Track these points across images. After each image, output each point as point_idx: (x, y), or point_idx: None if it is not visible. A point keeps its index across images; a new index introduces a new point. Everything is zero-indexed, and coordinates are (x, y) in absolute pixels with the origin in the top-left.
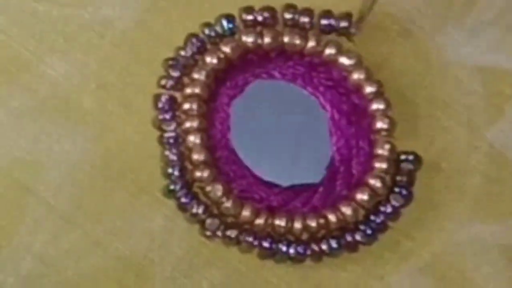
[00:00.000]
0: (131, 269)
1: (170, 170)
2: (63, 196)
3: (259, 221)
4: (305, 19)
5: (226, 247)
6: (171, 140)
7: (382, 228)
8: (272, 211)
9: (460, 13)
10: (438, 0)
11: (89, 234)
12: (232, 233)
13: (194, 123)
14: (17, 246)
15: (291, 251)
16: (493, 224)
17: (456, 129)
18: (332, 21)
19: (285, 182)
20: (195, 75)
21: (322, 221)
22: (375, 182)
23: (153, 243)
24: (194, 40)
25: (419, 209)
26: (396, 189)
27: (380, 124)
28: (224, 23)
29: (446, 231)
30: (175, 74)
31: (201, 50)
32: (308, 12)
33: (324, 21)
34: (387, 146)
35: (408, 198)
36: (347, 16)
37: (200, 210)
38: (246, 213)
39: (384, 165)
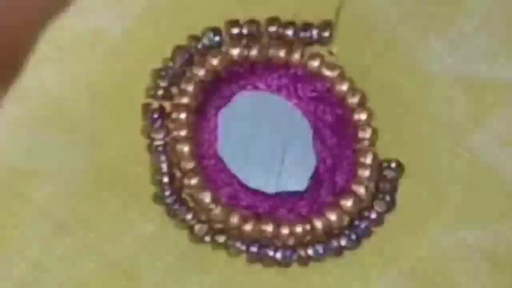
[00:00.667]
0: (122, 274)
1: (159, 177)
2: (56, 203)
3: (247, 227)
4: (289, 32)
5: (215, 252)
6: (160, 148)
7: (366, 233)
8: (259, 218)
9: (442, 24)
10: (421, 11)
11: (82, 240)
12: (220, 238)
13: (183, 132)
14: (10, 252)
15: (278, 255)
16: (476, 229)
17: (438, 138)
18: (313, 33)
19: (271, 190)
20: (183, 86)
21: (308, 226)
22: (358, 189)
23: (143, 248)
24: (182, 51)
25: (403, 216)
26: (380, 196)
27: (362, 134)
28: (211, 36)
29: (429, 236)
30: (164, 84)
31: (189, 62)
32: (291, 25)
33: (303, 34)
34: (369, 155)
35: (391, 204)
36: (326, 24)
37: (189, 216)
38: (234, 219)
39: (367, 173)
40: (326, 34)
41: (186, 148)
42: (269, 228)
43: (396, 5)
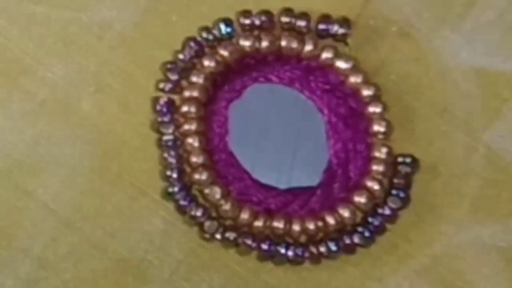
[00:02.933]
0: (130, 271)
1: (168, 173)
2: (62, 199)
3: (258, 223)
4: (301, 23)
5: (225, 250)
6: (170, 143)
7: (380, 230)
8: (270, 214)
9: (457, 16)
10: (436, 4)
11: (88, 237)
12: (230, 235)
13: (193, 126)
14: (16, 249)
15: (290, 253)
16: (491, 226)
17: (453, 132)
18: (330, 26)
19: (283, 185)
20: (194, 79)
21: (320, 223)
22: (372, 185)
23: (152, 245)
24: (192, 43)
25: (417, 212)
26: (394, 192)
27: (377, 127)
28: (222, 27)
29: (444, 233)
30: (174, 77)
31: (199, 54)
32: (305, 16)
33: (321, 26)
34: (384, 149)
35: (405, 201)
36: (345, 21)
37: (199, 213)
38: (244, 215)
39: (381, 168)
40: (345, 30)
41: (196, 142)
42: (280, 224)
43: None
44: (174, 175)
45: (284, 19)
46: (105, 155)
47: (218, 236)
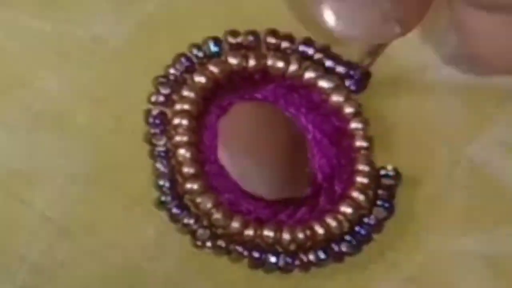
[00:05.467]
0: (124, 279)
1: (161, 183)
2: (57, 207)
3: (248, 232)
4: (286, 44)
5: (216, 257)
6: (162, 154)
7: (366, 239)
8: (260, 223)
9: (441, 31)
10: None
11: (83, 245)
12: (222, 243)
13: (184, 138)
14: (12, 256)
15: (280, 261)
16: (476, 235)
17: (437, 146)
18: (311, 50)
19: (271, 197)
20: (185, 93)
21: (309, 232)
22: (358, 196)
23: (145, 253)
24: (183, 59)
25: (403, 222)
26: (379, 202)
27: (359, 143)
28: (211, 45)
29: (430, 242)
30: (165, 91)
31: (190, 69)
32: (289, 37)
33: (303, 48)
34: (367, 163)
35: (390, 211)
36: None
37: (191, 221)
38: (235, 224)
39: (365, 180)
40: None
41: (187, 154)
42: (270, 233)
43: None
44: (167, 185)
45: (270, 39)
46: (99, 166)
47: (209, 244)
